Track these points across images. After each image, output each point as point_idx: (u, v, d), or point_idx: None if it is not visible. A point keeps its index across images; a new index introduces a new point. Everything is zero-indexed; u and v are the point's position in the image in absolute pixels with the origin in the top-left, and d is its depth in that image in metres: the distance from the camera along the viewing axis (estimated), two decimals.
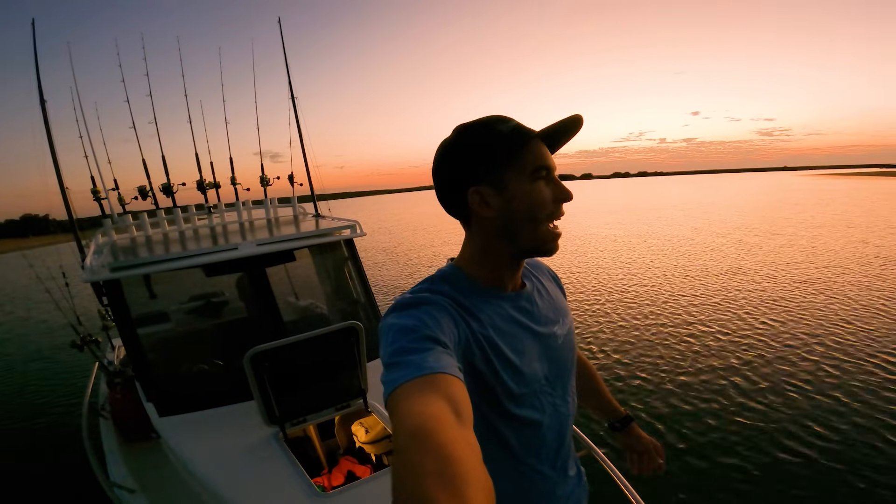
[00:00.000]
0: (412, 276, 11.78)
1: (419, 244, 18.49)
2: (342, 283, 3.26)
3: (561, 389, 0.84)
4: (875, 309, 6.50)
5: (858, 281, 8.08)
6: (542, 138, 0.75)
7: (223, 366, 2.60)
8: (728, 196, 39.13)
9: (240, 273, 2.98)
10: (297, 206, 4.21)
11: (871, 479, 3.08)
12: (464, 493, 0.37)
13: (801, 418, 3.86)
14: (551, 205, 0.75)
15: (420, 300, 0.70)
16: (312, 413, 2.08)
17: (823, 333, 5.69)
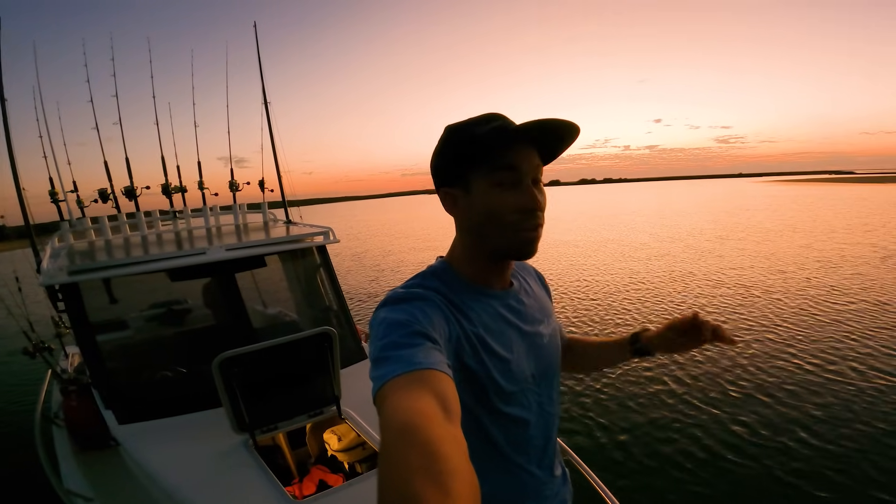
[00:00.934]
0: (379, 281, 11.79)
1: (387, 250, 18.47)
2: (315, 290, 3.24)
3: (547, 388, 0.84)
4: (808, 309, 6.95)
5: (797, 283, 8.57)
6: (535, 145, 0.73)
7: (188, 372, 2.55)
8: (685, 202, 40.79)
9: (206, 279, 2.92)
10: (267, 212, 4.16)
11: (795, 472, 3.28)
12: (450, 488, 0.37)
13: (740, 414, 4.07)
14: (515, 213, 0.72)
15: (412, 295, 0.69)
16: (284, 420, 2.06)
17: (760, 334, 6.05)
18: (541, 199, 0.74)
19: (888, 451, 3.44)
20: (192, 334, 3.00)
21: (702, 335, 0.86)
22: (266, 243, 2.85)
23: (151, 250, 2.73)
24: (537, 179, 0.75)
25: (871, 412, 3.98)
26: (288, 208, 4.35)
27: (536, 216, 0.73)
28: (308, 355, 2.09)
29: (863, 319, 6.38)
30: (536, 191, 0.73)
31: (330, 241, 3.05)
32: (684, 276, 9.89)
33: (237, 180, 4.25)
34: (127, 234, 3.58)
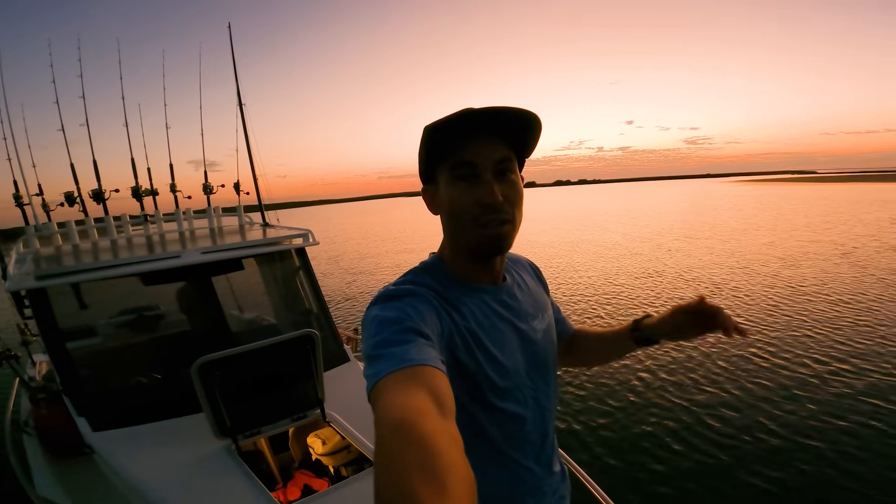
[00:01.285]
0: (356, 284, 11.74)
1: (364, 253, 18.37)
2: (294, 293, 3.20)
3: (542, 384, 0.84)
4: (771, 305, 7.25)
5: (761, 280, 8.90)
6: (498, 137, 0.71)
7: (164, 378, 2.49)
8: (656, 203, 41.92)
9: (181, 283, 2.86)
10: (243, 215, 4.09)
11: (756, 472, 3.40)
12: (446, 484, 0.37)
13: (706, 406, 4.23)
14: (474, 207, 0.71)
15: (403, 292, 0.69)
16: (267, 424, 2.04)
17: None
18: (508, 193, 0.71)
19: (849, 440, 3.59)
20: (167, 339, 2.93)
21: (708, 322, 0.81)
22: (243, 246, 2.81)
23: (123, 254, 2.66)
24: (504, 171, 0.72)
25: (832, 402, 4.16)
26: (264, 211, 4.29)
27: (496, 210, 0.70)
28: (290, 358, 2.06)
29: (824, 314, 6.67)
30: (503, 184, 0.71)
31: (309, 243, 3.03)
32: (654, 274, 10.16)
33: (211, 183, 4.18)
34: (95, 238, 3.47)
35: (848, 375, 4.68)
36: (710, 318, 0.81)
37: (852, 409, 4.03)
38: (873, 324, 6.12)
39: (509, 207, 0.72)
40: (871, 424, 3.77)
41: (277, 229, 3.55)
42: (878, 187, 50.48)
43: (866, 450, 3.45)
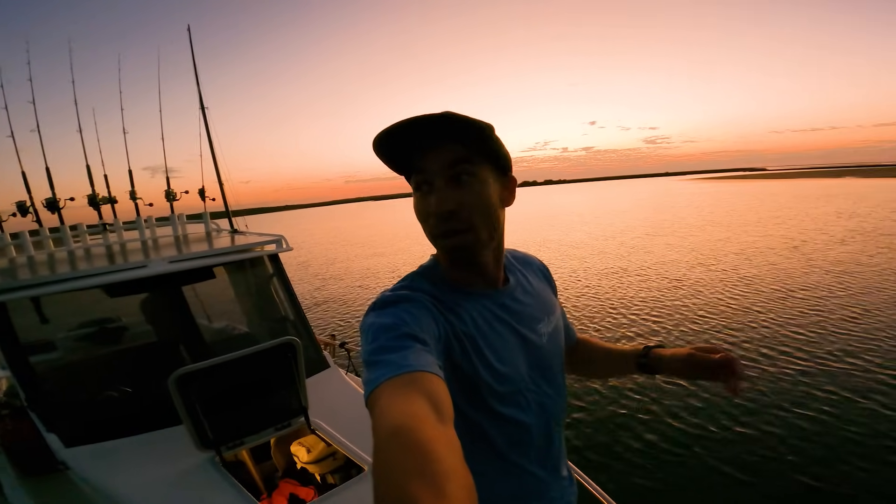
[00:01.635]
0: (325, 289, 11.65)
1: (332, 258, 18.20)
2: (269, 300, 3.13)
3: (548, 388, 0.81)
4: (725, 298, 7.62)
5: (716, 275, 9.35)
6: (449, 141, 0.68)
7: (139, 390, 2.40)
8: (618, 202, 43.28)
9: (148, 294, 2.75)
10: (209, 222, 3.96)
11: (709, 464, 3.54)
12: (445, 490, 0.37)
13: (659, 403, 4.35)
14: (428, 218, 0.70)
15: (399, 297, 0.68)
16: (250, 435, 2.00)
17: (683, 323, 6.59)
18: (464, 199, 0.68)
19: (799, 430, 3.78)
20: (137, 351, 2.82)
21: (720, 375, 0.81)
22: (214, 254, 2.72)
23: (83, 265, 2.54)
24: (459, 174, 0.68)
25: (782, 393, 4.36)
26: (232, 217, 4.17)
27: (446, 220, 0.68)
28: (271, 367, 2.03)
29: (776, 305, 7.04)
30: (458, 189, 0.68)
31: (283, 249, 2.97)
32: (617, 272, 10.50)
33: (173, 189, 4.03)
34: (51, 249, 3.29)
35: (800, 363, 4.93)
36: (723, 374, 0.80)
37: (806, 395, 4.25)
38: (823, 314, 6.49)
39: (465, 214, 0.68)
40: (824, 410, 3.99)
41: (248, 236, 3.46)
42: (824, 183, 53.84)
43: (817, 433, 3.65)
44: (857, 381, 4.47)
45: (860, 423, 3.75)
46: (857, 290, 7.53)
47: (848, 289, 7.66)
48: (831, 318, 6.26)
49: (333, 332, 7.39)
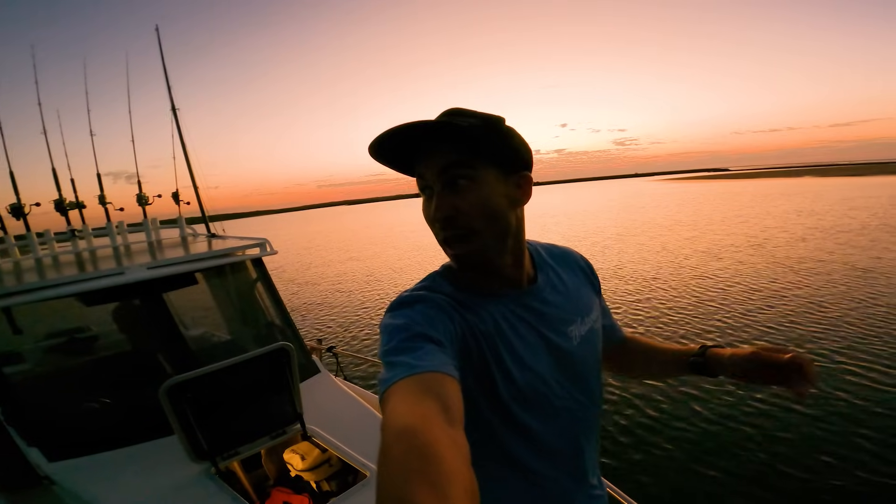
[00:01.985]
0: (301, 295, 11.53)
1: (307, 263, 17.98)
2: (255, 305, 3.05)
3: (578, 393, 0.78)
4: (694, 296, 7.87)
5: (686, 273, 9.66)
6: (446, 145, 0.67)
7: (124, 402, 2.31)
8: (590, 203, 44.21)
9: (124, 302, 2.64)
10: (185, 227, 3.83)
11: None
12: (446, 492, 0.37)
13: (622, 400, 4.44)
14: (432, 224, 0.70)
15: (416, 298, 0.68)
16: (246, 444, 1.94)
17: (657, 320, 6.78)
18: (461, 204, 0.67)
19: (765, 422, 3.88)
20: (120, 361, 2.70)
21: (787, 378, 0.74)
22: (195, 259, 2.63)
23: (55, 274, 2.41)
24: (454, 179, 0.67)
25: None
26: (208, 222, 4.05)
27: (447, 227, 0.68)
28: (265, 373, 1.98)
29: (740, 301, 7.30)
30: (455, 194, 0.67)
31: (267, 252, 2.89)
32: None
33: (145, 194, 3.88)
34: (17, 257, 3.12)
35: None
36: (791, 377, 0.73)
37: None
38: (785, 309, 6.73)
39: (464, 220, 0.67)
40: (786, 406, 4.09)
41: (229, 240, 3.36)
42: (785, 182, 56.26)
43: (780, 430, 3.73)
44: (820, 371, 4.66)
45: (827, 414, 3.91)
46: (817, 285, 7.86)
47: (808, 284, 7.99)
48: (791, 314, 6.49)
49: (315, 336, 7.29)
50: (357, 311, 9.40)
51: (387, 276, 12.83)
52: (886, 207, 19.07)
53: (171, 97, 4.05)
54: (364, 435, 2.06)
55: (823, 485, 3.09)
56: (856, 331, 5.63)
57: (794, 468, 3.27)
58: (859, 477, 3.12)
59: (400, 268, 14.39)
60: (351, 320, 8.72)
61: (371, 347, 7.04)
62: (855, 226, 14.43)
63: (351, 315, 9.10)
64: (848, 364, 4.75)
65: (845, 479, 3.11)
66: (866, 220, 15.63)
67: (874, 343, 5.23)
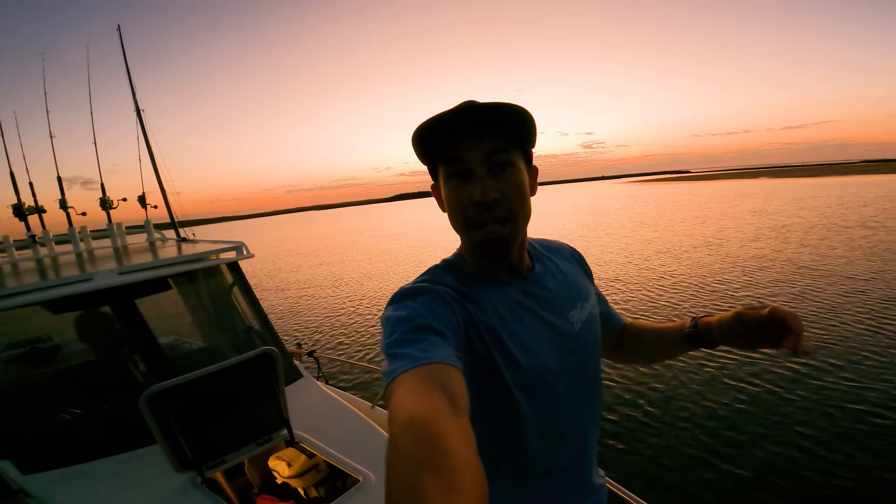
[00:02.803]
0: (266, 300, 11.35)
1: (275, 269, 17.69)
2: (233, 311, 2.96)
3: (581, 378, 0.78)
4: (652, 296, 8.13)
5: (644, 274, 9.95)
6: (488, 131, 0.68)
7: (99, 412, 2.22)
8: (557, 206, 45.17)
9: (93, 309, 2.53)
10: (153, 232, 3.69)
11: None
12: (455, 483, 0.37)
13: None
14: (466, 207, 0.69)
15: (418, 290, 0.68)
16: (232, 452, 1.88)
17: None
18: (505, 189, 0.68)
19: (711, 422, 4.00)
20: (92, 370, 2.58)
21: (775, 336, 0.72)
22: (168, 263, 2.54)
23: (18, 282, 2.28)
24: (498, 164, 0.69)
25: (706, 381, 4.64)
26: (178, 227, 3.91)
27: (490, 208, 0.68)
28: (250, 380, 1.92)
29: (695, 301, 7.57)
30: (499, 179, 0.68)
31: (244, 256, 2.81)
32: None
33: (110, 197, 3.72)
34: None
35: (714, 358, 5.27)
36: (777, 332, 0.72)
37: (726, 388, 4.54)
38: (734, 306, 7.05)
39: (506, 204, 0.69)
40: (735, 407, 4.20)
41: (202, 244, 3.25)
42: (741, 183, 58.88)
43: (733, 430, 3.84)
44: (765, 364, 4.90)
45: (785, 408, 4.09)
46: (765, 283, 8.21)
47: (757, 283, 8.33)
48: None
49: (301, 342, 7.15)
50: (329, 315, 9.29)
51: (356, 281, 12.76)
52: (834, 207, 20.17)
53: (136, 98, 3.90)
54: (353, 438, 2.03)
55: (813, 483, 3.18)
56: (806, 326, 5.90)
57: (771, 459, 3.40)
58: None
59: (371, 273, 14.31)
60: (326, 324, 8.61)
61: (350, 350, 6.96)
62: (804, 225, 15.20)
63: (325, 319, 8.98)
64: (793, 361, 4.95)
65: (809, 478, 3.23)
66: (815, 219, 16.48)
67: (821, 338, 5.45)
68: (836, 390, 4.21)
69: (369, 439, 2.02)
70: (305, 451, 1.98)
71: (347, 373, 5.66)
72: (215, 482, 2.01)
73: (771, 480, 3.18)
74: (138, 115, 4.05)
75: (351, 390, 4.11)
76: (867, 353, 4.90)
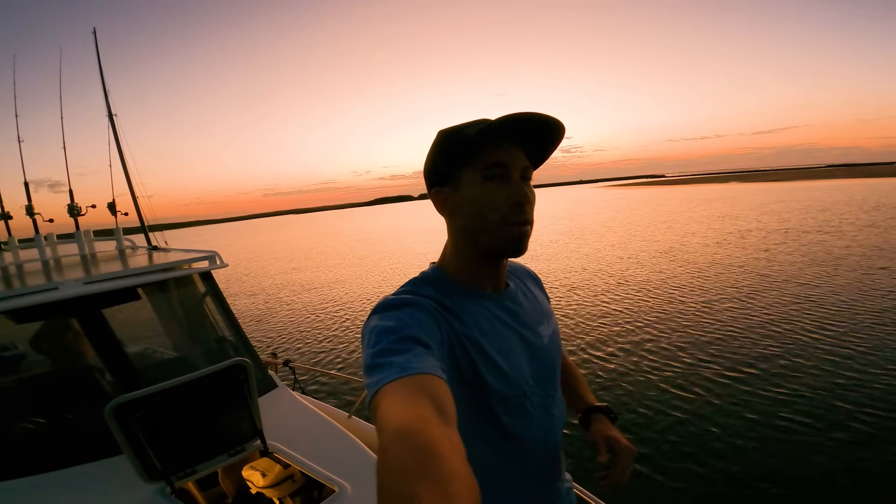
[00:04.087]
0: (236, 306, 11.23)
1: (245, 273, 17.33)
2: (205, 321, 2.91)
3: (552, 390, 0.83)
4: (610, 301, 8.34)
5: (606, 280, 10.19)
6: (522, 146, 0.76)
7: (64, 421, 2.19)
8: (543, 209, 45.59)
9: (57, 319, 2.47)
10: (122, 238, 3.61)
11: None
12: (449, 491, 0.37)
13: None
14: (504, 206, 0.73)
15: (402, 302, 0.69)
16: (203, 462, 1.86)
17: (584, 329, 7.01)
18: (531, 198, 0.75)
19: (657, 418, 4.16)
20: (57, 380, 2.52)
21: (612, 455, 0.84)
22: (136, 273, 2.49)
23: None
24: (526, 178, 0.76)
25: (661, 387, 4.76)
26: (149, 233, 3.84)
27: (525, 209, 0.74)
28: (222, 390, 1.91)
29: (654, 306, 7.76)
30: (528, 189, 0.75)
31: (217, 265, 2.78)
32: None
33: (78, 203, 3.63)
34: None
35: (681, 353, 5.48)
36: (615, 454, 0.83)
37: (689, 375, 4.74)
38: (691, 314, 7.14)
39: (531, 210, 0.76)
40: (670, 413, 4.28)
41: (173, 252, 3.20)
42: (712, 188, 60.63)
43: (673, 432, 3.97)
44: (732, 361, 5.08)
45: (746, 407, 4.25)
46: (717, 288, 8.46)
47: (710, 287, 8.59)
48: (699, 318, 6.86)
49: (276, 351, 7.05)
50: (305, 322, 9.21)
51: (328, 286, 12.69)
52: (795, 212, 20.89)
53: (108, 103, 3.83)
54: (328, 448, 2.03)
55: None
56: (748, 333, 6.01)
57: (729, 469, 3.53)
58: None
59: (344, 278, 14.24)
60: (301, 333, 8.52)
61: (326, 360, 6.89)
62: (765, 230, 15.72)
63: (300, 328, 8.89)
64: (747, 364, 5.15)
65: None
66: (775, 224, 17.08)
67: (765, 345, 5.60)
68: (768, 399, 4.30)
69: (345, 449, 2.03)
70: (280, 461, 1.97)
71: (324, 383, 5.62)
72: (188, 493, 1.99)
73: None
74: (111, 120, 3.97)
75: (328, 400, 4.09)
76: (807, 361, 4.99)
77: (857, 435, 3.61)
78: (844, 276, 8.53)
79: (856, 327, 5.85)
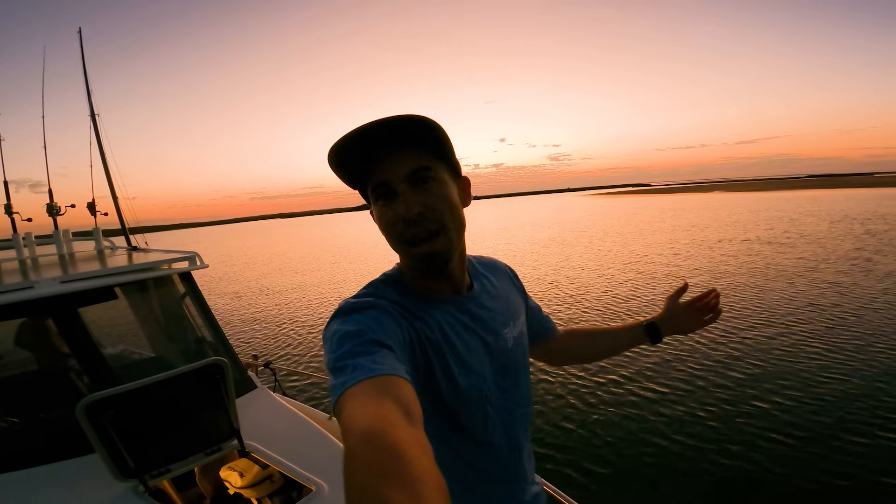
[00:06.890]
0: (216, 309, 11.11)
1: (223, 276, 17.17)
2: (184, 321, 2.89)
3: (515, 392, 0.82)
4: (599, 304, 8.50)
5: (596, 283, 10.38)
6: (407, 145, 0.68)
7: (41, 419, 2.18)
8: (523, 217, 45.99)
9: (34, 318, 2.45)
10: (101, 239, 3.57)
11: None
12: (419, 492, 0.37)
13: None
14: (398, 225, 0.68)
15: (363, 304, 0.68)
16: (177, 461, 1.85)
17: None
18: (429, 201, 0.68)
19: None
20: (31, 379, 2.49)
21: (700, 311, 1.06)
22: (114, 272, 2.48)
23: None
24: (420, 179, 0.68)
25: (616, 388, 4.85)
26: (129, 234, 3.80)
27: (417, 223, 0.68)
28: (198, 390, 1.91)
29: (598, 315, 7.88)
30: (422, 193, 0.68)
31: (197, 266, 2.77)
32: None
33: (57, 203, 3.58)
34: None
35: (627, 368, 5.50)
36: (699, 306, 1.03)
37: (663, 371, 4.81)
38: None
39: (433, 216, 0.68)
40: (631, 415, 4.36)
41: (153, 253, 3.18)
42: (694, 197, 61.65)
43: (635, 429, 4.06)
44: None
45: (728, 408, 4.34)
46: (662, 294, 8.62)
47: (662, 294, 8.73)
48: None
49: (258, 353, 6.99)
50: (285, 325, 9.13)
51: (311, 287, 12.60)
52: (766, 223, 20.99)
53: (91, 102, 3.80)
54: (307, 449, 2.04)
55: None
56: (708, 345, 6.00)
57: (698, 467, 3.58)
58: None
59: (329, 281, 14.19)
60: (284, 334, 8.46)
61: (307, 361, 6.85)
62: (736, 240, 15.83)
63: (281, 329, 8.82)
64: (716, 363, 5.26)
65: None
66: (742, 234, 17.25)
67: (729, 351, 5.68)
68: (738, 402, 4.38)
69: (324, 449, 2.03)
70: (258, 461, 1.97)
71: (306, 385, 5.58)
72: (164, 493, 1.97)
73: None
74: (93, 120, 3.94)
75: (309, 402, 4.08)
76: (763, 371, 5.05)
77: (815, 446, 3.62)
78: (777, 284, 8.81)
79: (772, 340, 5.92)
